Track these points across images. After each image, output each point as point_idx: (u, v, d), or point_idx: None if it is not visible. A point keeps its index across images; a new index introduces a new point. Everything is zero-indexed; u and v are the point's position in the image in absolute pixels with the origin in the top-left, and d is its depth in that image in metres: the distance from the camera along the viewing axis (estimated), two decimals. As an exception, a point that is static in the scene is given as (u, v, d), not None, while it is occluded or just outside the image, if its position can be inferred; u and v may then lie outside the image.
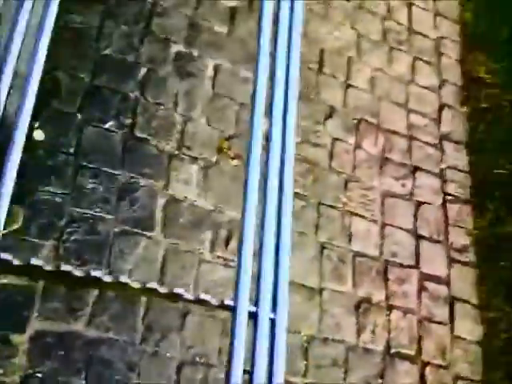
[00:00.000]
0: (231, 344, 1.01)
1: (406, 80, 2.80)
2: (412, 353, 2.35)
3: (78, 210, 1.99)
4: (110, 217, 2.03)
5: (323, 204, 2.39)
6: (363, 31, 2.80)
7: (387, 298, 2.38)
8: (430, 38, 2.94)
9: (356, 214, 2.44)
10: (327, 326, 2.23)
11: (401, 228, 2.51)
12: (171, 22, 2.41)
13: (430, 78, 2.85)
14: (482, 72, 2.88)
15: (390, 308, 2.37)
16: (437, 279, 2.50)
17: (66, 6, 2.18)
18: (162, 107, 2.26)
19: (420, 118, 2.74)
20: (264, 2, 1.45)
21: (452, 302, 2.49)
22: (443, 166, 2.70)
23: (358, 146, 2.56)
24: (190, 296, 1.14)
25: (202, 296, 1.16)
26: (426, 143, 2.71)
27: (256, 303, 1.16)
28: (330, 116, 2.55)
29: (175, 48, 2.37)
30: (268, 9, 1.33)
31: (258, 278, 1.10)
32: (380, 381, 2.26)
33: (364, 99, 2.66)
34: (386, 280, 2.40)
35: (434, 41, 2.94)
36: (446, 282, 2.51)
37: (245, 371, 1.83)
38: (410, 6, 2.97)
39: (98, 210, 2.02)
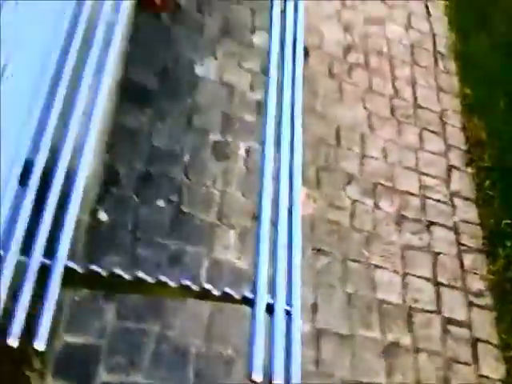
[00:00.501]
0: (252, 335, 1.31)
1: (415, 148, 3.17)
2: (441, 392, 2.59)
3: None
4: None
5: (348, 259, 2.73)
6: (373, 110, 3.22)
7: (413, 341, 2.65)
8: (433, 110, 3.34)
9: (379, 267, 2.77)
10: (359, 369, 2.51)
11: (421, 277, 2.81)
12: (208, 116, 2.87)
13: (436, 145, 3.22)
14: (483, 136, 3.24)
15: (417, 351, 2.63)
16: (458, 322, 2.76)
17: (122, 109, 2.67)
18: (203, 186, 2.68)
19: (431, 180, 3.09)
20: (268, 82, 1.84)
21: (475, 343, 2.74)
22: (456, 219, 3.02)
23: (376, 207, 2.91)
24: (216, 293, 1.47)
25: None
26: (438, 201, 3.04)
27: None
28: (349, 182, 2.93)
29: (213, 137, 2.82)
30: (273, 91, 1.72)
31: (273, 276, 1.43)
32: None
33: (378, 166, 3.04)
34: (411, 325, 2.69)
35: (437, 113, 3.33)
36: (467, 324, 2.77)
37: None
38: (414, 85, 3.39)
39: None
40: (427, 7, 3.72)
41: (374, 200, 2.94)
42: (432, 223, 2.98)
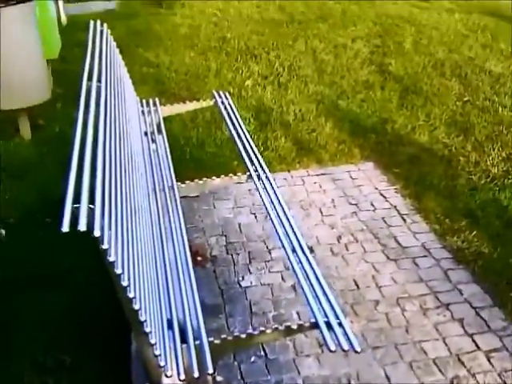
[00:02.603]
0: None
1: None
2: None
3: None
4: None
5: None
6: (374, 261, 4.40)
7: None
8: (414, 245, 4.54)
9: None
10: None
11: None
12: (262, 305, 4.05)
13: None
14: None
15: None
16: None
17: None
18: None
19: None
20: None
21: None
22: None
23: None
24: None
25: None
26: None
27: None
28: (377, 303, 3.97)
29: (270, 315, 3.95)
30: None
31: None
32: None
33: (392, 292, 4.11)
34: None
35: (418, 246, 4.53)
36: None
37: None
38: (395, 237, 4.63)
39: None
40: (380, 193, 5.19)
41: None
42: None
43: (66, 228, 2.08)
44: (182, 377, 2.40)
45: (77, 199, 2.26)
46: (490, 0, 11.49)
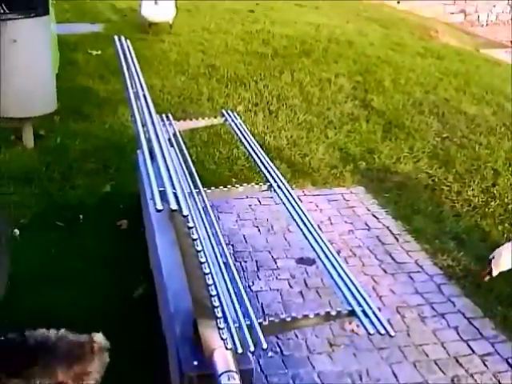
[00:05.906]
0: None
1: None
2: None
3: None
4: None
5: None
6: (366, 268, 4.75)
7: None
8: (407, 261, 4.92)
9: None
10: None
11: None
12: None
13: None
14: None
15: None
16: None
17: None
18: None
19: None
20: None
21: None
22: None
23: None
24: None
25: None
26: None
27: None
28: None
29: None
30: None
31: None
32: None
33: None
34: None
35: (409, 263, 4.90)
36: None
37: None
38: (391, 254, 5.00)
39: None
40: (373, 214, 5.57)
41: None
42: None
43: (159, 206, 2.35)
44: (240, 350, 2.66)
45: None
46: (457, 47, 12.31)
